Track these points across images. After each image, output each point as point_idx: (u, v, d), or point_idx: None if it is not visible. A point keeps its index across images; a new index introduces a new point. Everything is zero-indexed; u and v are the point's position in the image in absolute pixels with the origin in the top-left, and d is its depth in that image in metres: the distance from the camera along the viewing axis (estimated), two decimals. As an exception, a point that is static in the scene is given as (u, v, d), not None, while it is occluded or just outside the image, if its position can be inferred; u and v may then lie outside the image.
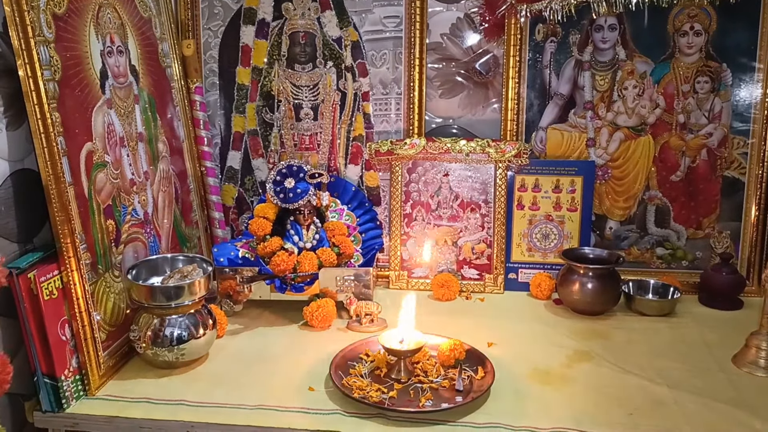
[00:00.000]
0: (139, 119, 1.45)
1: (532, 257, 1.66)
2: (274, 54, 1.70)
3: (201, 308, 1.31)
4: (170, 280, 1.29)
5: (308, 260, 1.50)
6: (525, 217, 1.66)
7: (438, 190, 1.66)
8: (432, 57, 1.68)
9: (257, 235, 1.55)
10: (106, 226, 1.28)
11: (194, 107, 1.68)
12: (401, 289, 1.68)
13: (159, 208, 1.51)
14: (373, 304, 1.47)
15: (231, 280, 1.51)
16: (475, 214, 1.66)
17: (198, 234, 1.71)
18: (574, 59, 1.63)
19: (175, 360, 1.27)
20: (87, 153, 1.24)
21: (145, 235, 1.43)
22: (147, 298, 1.26)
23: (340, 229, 1.58)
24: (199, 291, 1.29)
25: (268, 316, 1.54)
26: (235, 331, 1.46)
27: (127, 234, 1.35)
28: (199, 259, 1.39)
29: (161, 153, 1.55)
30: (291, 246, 1.55)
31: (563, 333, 1.44)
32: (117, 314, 1.29)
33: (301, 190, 1.53)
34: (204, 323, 1.30)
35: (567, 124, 1.66)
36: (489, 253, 1.65)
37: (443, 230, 1.67)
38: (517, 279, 1.66)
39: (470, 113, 1.70)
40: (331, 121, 1.71)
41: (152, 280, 1.34)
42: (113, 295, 1.29)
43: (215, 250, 1.54)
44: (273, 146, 1.74)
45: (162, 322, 1.26)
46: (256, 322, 1.50)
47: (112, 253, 1.30)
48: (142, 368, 1.29)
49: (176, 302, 1.26)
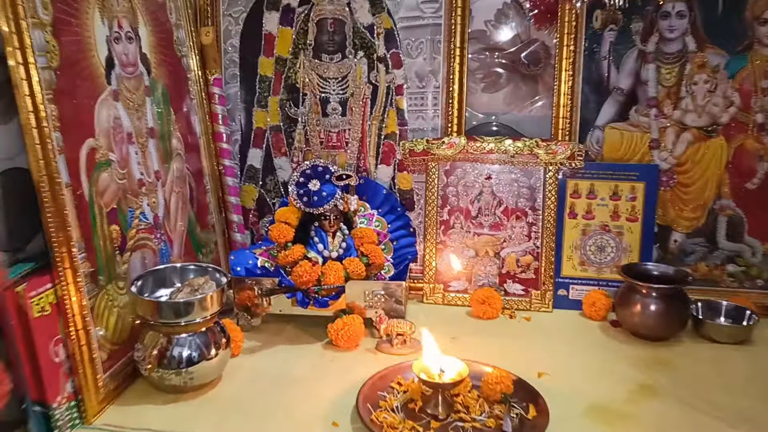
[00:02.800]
0: (150, 113, 1.31)
1: (585, 272, 1.48)
2: (299, 43, 1.55)
3: (213, 326, 1.17)
4: (179, 293, 1.15)
5: (333, 271, 1.34)
6: (578, 227, 1.48)
7: (479, 195, 1.49)
8: (474, 47, 1.51)
9: (278, 242, 1.40)
10: (110, 232, 1.14)
11: (212, 101, 1.54)
12: (436, 303, 1.52)
13: (171, 211, 1.37)
14: (406, 323, 1.31)
15: (249, 291, 1.36)
16: (521, 223, 1.48)
17: (215, 238, 1.57)
18: (637, 50, 1.45)
19: (183, 384, 1.12)
20: (88, 150, 1.10)
21: (155, 242, 1.29)
22: (153, 314, 1.11)
23: (370, 237, 1.43)
24: (211, 307, 1.14)
25: (288, 332, 1.39)
26: (251, 348, 1.31)
27: (134, 240, 1.22)
28: (212, 269, 1.24)
29: (175, 150, 1.41)
30: (315, 255, 1.40)
31: (623, 361, 1.26)
32: (121, 331, 1.16)
33: (326, 194, 1.38)
34: (216, 342, 1.15)
35: (627, 123, 1.48)
36: (536, 267, 1.48)
37: (484, 240, 1.50)
38: (567, 296, 1.48)
39: (516, 109, 1.53)
40: (361, 117, 1.55)
41: (159, 293, 1.20)
42: (117, 309, 1.15)
43: (232, 258, 1.40)
44: (297, 144, 1.59)
45: (169, 341, 1.12)
46: (275, 339, 1.35)
47: (117, 263, 1.16)
48: (146, 392, 1.15)
49: (185, 319, 1.11)
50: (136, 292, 1.15)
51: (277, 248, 1.41)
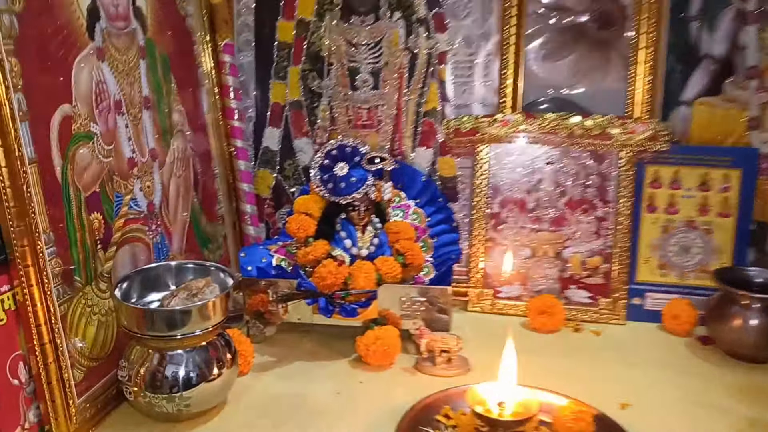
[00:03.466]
0: (144, 79, 1.09)
1: (666, 277, 1.23)
2: (325, 2, 1.32)
3: (217, 338, 0.95)
4: (173, 299, 0.92)
5: (363, 273, 1.11)
6: (658, 223, 1.23)
7: (538, 183, 1.25)
8: (534, 5, 1.27)
9: (297, 237, 1.17)
10: (90, 222, 0.92)
11: (222, 70, 1.31)
12: (482, 312, 1.29)
13: (170, 198, 1.15)
14: (452, 337, 1.07)
15: (262, 295, 1.13)
16: (589, 217, 1.24)
17: (224, 232, 1.34)
18: (734, 9, 1.20)
19: (177, 412, 0.90)
20: (62, 119, 0.89)
21: (149, 235, 1.07)
22: (140, 325, 0.89)
23: (407, 232, 1.19)
24: (213, 315, 0.92)
25: (308, 345, 1.16)
26: (264, 365, 1.09)
27: (121, 233, 1.00)
28: (215, 269, 1.01)
29: (176, 126, 1.18)
30: (341, 253, 1.16)
31: (721, 389, 1.02)
32: (103, 344, 0.94)
33: (356, 179, 1.14)
34: (220, 360, 0.93)
35: (721, 98, 1.22)
36: (606, 270, 1.23)
37: (543, 237, 1.26)
38: (643, 306, 1.24)
39: (584, 82, 1.28)
40: (397, 91, 1.31)
41: (150, 297, 0.98)
42: (98, 317, 0.93)
43: (242, 256, 1.17)
44: (321, 122, 1.36)
45: (161, 358, 0.90)
46: (292, 354, 1.13)
47: (98, 260, 0.94)
48: (133, 420, 0.93)
49: (182, 331, 0.89)
50: (120, 296, 0.92)
51: (296, 244, 1.19)
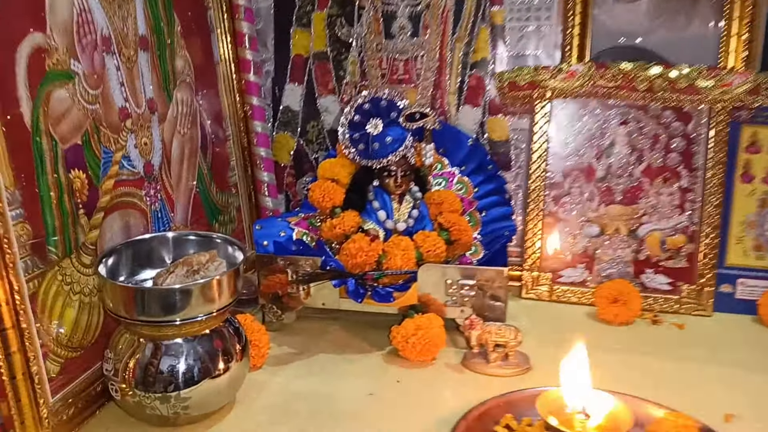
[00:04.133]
0: (141, 15, 0.91)
1: (763, 260, 1.03)
2: (355, -65, 1.13)
3: (223, 325, 0.77)
4: (169, 276, 0.75)
5: (401, 250, 0.93)
6: (754, 196, 1.03)
7: (609, 147, 1.05)
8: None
9: (322, 208, 0.99)
10: (69, 181, 0.75)
11: (236, 15, 1.13)
12: (539, 299, 1.09)
13: (173, 159, 0.97)
14: (508, 328, 0.88)
15: (280, 275, 0.95)
16: (670, 188, 1.03)
17: (237, 203, 1.17)
18: None
19: (174, 415, 0.73)
20: (32, 51, 0.71)
21: (146, 200, 0.89)
22: (128, 308, 0.72)
23: (451, 203, 1.01)
24: (219, 297, 0.74)
25: (335, 335, 0.98)
26: (281, 358, 0.91)
27: (110, 196, 0.82)
28: (222, 241, 0.83)
29: (180, 75, 1.00)
30: (374, 226, 0.98)
31: None
32: (86, 330, 0.77)
33: (392, 139, 0.96)
34: (227, 351, 0.76)
35: (838, 42, 1.00)
36: (690, 251, 1.03)
37: (615, 211, 1.06)
38: (733, 294, 1.03)
39: (665, 27, 1.07)
40: (440, 39, 1.12)
41: (142, 275, 0.80)
42: (79, 297, 0.76)
43: (257, 229, 1.00)
44: (349, 77, 1.17)
45: (155, 349, 0.73)
46: (315, 345, 0.95)
47: (80, 227, 0.77)
48: (121, 424, 0.76)
49: (180, 316, 0.71)
50: (105, 273, 0.75)
51: (321, 216, 1.01)
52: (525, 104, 1.08)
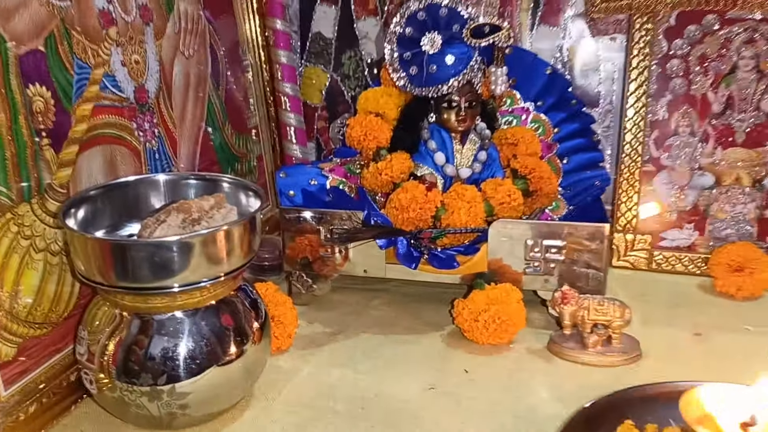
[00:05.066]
0: None
1: None
2: None
3: (235, 296, 0.57)
4: (160, 226, 0.54)
5: (465, 202, 0.72)
6: None
7: (731, 74, 0.81)
8: None
9: (363, 150, 0.78)
10: (28, 99, 0.55)
11: None
12: (634, 268, 0.87)
13: (175, 88, 0.77)
14: (612, 303, 0.67)
15: (310, 234, 0.75)
16: (814, 125, 0.80)
17: (258, 150, 0.96)
18: None
19: (169, 416, 0.54)
20: None
21: (137, 135, 0.69)
22: (105, 270, 0.52)
23: (529, 143, 0.79)
24: (228, 256, 0.54)
25: (379, 311, 0.78)
26: (312, 339, 0.71)
27: (87, 125, 0.62)
28: (233, 183, 0.63)
29: (184, -19, 0.80)
30: (430, 172, 0.77)
31: None
32: (54, 300, 0.58)
33: (454, 59, 0.74)
34: (240, 330, 0.56)
35: None
36: (840, 207, 0.79)
37: (735, 156, 0.82)
38: None
39: None
40: (509, -60, 0.89)
41: (126, 230, 0.60)
42: (43, 255, 0.57)
43: (281, 176, 0.79)
44: (395, -7, 0.95)
45: (143, 326, 0.53)
46: (355, 324, 0.75)
47: (42, 162, 0.57)
48: (100, 426, 0.57)
49: (176, 281, 0.51)
50: (74, 224, 0.55)
51: (362, 160, 0.80)
52: (617, 21, 0.84)
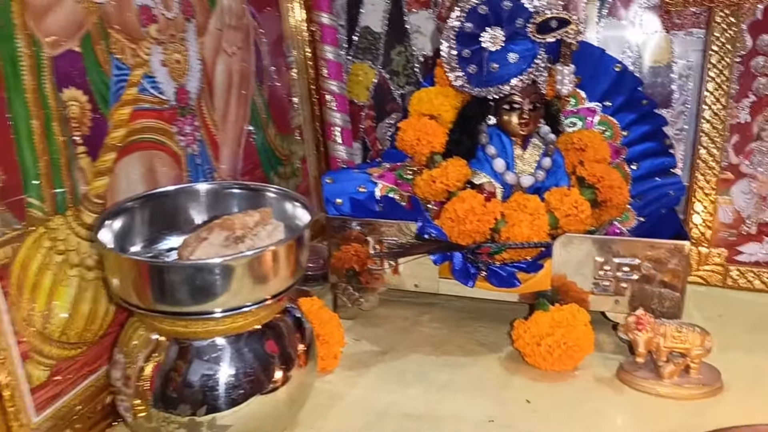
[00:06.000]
0: None
1: None
2: None
3: (280, 318, 0.52)
4: (202, 245, 0.50)
5: (528, 214, 0.66)
6: None
7: (830, 69, 0.73)
8: None
9: (416, 155, 0.73)
10: (61, 103, 0.52)
11: None
12: (707, 284, 0.80)
13: (217, 87, 0.73)
14: (692, 330, 0.60)
15: (357, 245, 0.70)
16: None
17: (301, 152, 0.92)
18: None
19: (210, 447, 0.49)
20: None
21: (178, 140, 0.65)
22: (142, 293, 0.48)
23: (598, 149, 0.72)
24: (275, 277, 0.49)
25: (430, 329, 0.73)
26: (359, 359, 0.67)
27: (125, 130, 0.58)
28: (280, 194, 0.58)
29: (228, -26, 0.75)
30: (489, 181, 0.71)
31: None
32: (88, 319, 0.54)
33: (517, 57, 0.68)
34: (286, 354, 0.52)
35: None
36: None
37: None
38: None
39: None
40: (576, -75, 0.81)
41: (165, 243, 0.56)
42: (78, 271, 0.53)
43: (328, 182, 0.74)
44: (450, -17, 0.88)
45: (181, 352, 0.49)
46: (404, 343, 0.70)
47: (78, 171, 0.53)
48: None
49: (217, 305, 0.47)
50: (111, 242, 0.51)
51: (415, 166, 0.74)
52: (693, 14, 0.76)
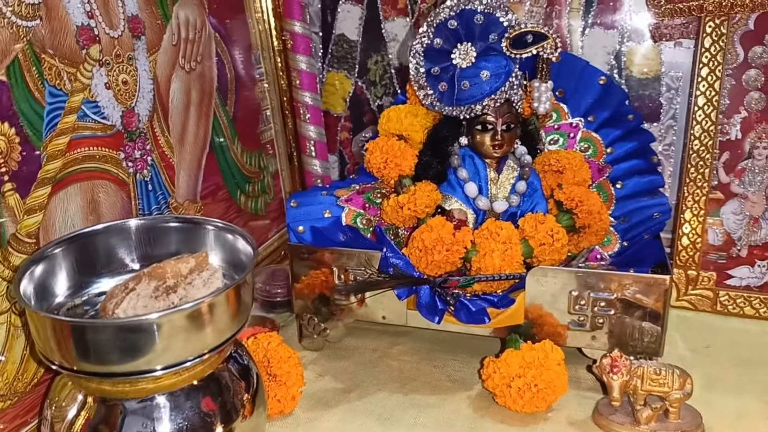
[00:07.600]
0: None
1: None
2: None
3: (226, 366, 0.49)
4: (128, 297, 0.46)
5: (500, 243, 0.61)
6: None
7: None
8: None
9: (384, 178, 0.69)
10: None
11: None
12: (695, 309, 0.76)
13: (173, 106, 0.68)
14: (671, 371, 0.56)
15: (322, 276, 0.66)
16: None
17: (273, 167, 0.87)
18: None
19: None
20: None
21: (126, 166, 0.61)
22: (65, 352, 0.44)
23: (577, 171, 0.68)
24: (214, 329, 0.45)
25: (399, 362, 0.69)
26: (319, 397, 0.63)
27: (61, 161, 0.54)
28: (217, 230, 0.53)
29: (184, -15, 0.70)
30: (460, 206, 0.66)
31: None
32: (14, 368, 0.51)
33: (489, 74, 0.63)
34: (228, 407, 0.48)
35: None
36: None
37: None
38: None
39: None
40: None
41: (97, 287, 0.52)
42: (4, 318, 0.49)
43: (292, 206, 0.70)
44: (427, -10, 0.84)
45: (111, 411, 0.45)
46: (371, 378, 0.66)
47: (4, 209, 0.49)
48: None
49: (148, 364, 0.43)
50: (30, 292, 0.47)
51: (383, 189, 0.70)
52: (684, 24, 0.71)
